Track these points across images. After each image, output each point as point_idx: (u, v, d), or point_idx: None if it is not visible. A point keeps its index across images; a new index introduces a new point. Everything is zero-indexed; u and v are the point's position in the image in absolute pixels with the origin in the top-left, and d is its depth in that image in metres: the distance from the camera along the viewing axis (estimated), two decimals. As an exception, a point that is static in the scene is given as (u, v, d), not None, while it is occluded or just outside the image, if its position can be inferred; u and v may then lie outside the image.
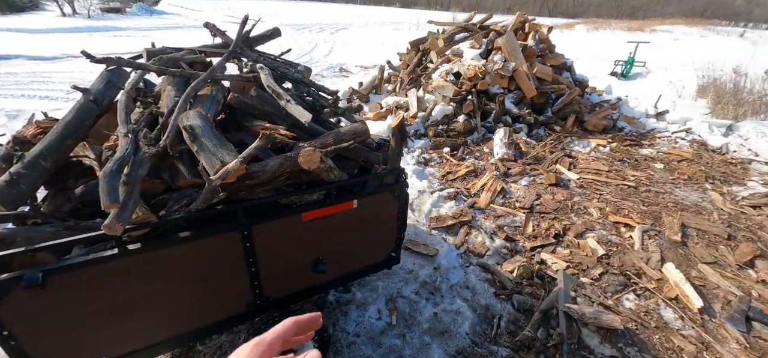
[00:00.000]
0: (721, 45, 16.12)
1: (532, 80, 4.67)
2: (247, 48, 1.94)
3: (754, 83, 6.96)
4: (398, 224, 1.81)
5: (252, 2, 51.69)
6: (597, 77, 8.51)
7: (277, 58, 2.02)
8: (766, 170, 3.97)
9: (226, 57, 1.77)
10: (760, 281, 2.35)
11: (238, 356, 0.36)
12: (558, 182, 3.45)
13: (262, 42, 2.12)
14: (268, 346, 0.37)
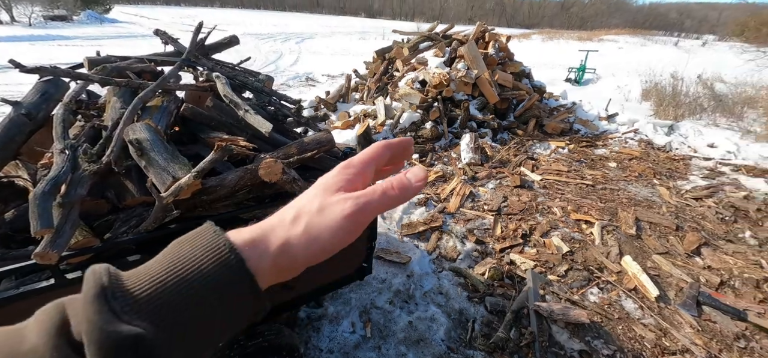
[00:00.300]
0: (660, 53, 17.71)
1: (494, 87, 4.84)
2: (202, 56, 1.84)
3: (689, 87, 7.66)
4: (369, 234, 1.77)
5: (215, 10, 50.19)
6: (553, 83, 9.00)
7: (236, 66, 1.94)
8: (704, 165, 4.34)
9: (179, 66, 1.66)
10: (706, 267, 2.54)
11: (327, 177, 0.33)
12: (523, 184, 3.57)
13: (218, 50, 2.02)
14: (357, 169, 0.33)
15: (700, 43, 30.83)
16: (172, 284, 0.25)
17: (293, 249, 0.29)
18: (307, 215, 0.30)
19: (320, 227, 0.30)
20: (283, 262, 0.29)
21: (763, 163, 4.38)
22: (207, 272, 0.26)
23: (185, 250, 0.27)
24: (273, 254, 0.29)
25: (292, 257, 0.29)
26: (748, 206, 3.34)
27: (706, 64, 11.50)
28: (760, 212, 3.28)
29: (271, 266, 0.29)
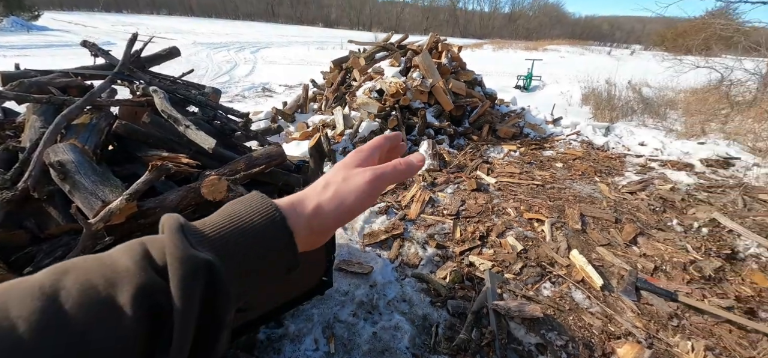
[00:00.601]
0: (595, 61, 19.43)
1: (448, 95, 5.01)
2: (137, 69, 1.71)
3: (621, 92, 8.47)
4: (327, 246, 1.74)
5: (161, 18, 47.46)
6: (505, 90, 9.52)
7: (178, 79, 1.82)
8: (636, 161, 4.79)
9: (110, 80, 1.53)
10: (642, 255, 2.78)
11: (345, 159, 0.41)
12: (479, 187, 3.71)
13: (157, 62, 1.89)
14: (367, 152, 0.42)
15: (629, 53, 34.37)
16: (230, 230, 0.31)
17: (324, 210, 0.36)
18: (334, 184, 0.37)
19: (346, 191, 0.37)
20: (316, 223, 0.35)
21: (684, 158, 4.92)
22: (257, 225, 0.32)
23: (239, 208, 0.33)
24: (308, 215, 0.35)
25: (324, 217, 0.35)
26: (674, 197, 3.72)
27: (634, 70, 12.81)
28: (683, 201, 3.67)
29: (305, 225, 0.34)
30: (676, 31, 14.28)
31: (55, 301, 0.23)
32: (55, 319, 0.23)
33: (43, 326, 0.22)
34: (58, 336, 0.22)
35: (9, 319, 0.22)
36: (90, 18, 36.30)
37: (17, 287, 0.24)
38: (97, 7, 60.97)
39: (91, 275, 0.26)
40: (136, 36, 1.78)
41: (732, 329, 2.14)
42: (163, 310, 0.26)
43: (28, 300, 0.23)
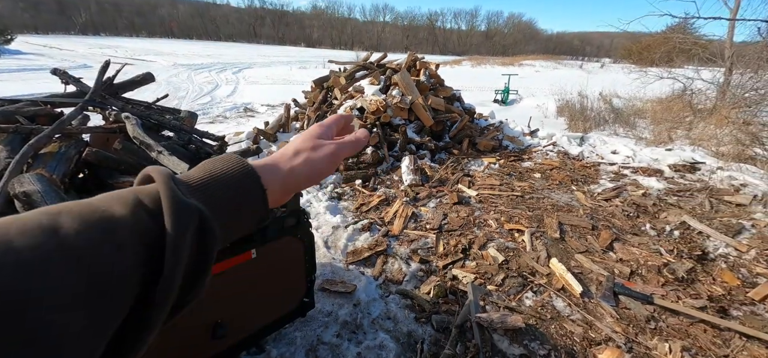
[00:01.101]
0: (568, 74, 20.28)
1: (428, 111, 5.12)
2: (110, 96, 1.68)
3: (593, 103, 8.84)
4: (306, 267, 1.72)
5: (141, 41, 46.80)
6: (484, 104, 9.78)
7: (152, 105, 1.81)
8: (610, 169, 4.98)
9: (81, 107, 1.50)
10: (618, 260, 2.86)
11: (309, 130, 0.47)
12: (460, 200, 3.77)
13: (130, 88, 1.87)
14: (326, 127, 0.48)
15: (599, 66, 36.05)
16: (213, 182, 0.34)
17: (297, 173, 0.41)
18: (305, 151, 0.43)
19: (316, 159, 0.43)
20: (290, 181, 0.41)
21: (654, 164, 5.15)
22: (236, 179, 0.36)
23: (218, 165, 0.36)
24: (283, 175, 0.41)
25: (296, 178, 0.41)
26: (646, 202, 3.87)
27: (604, 82, 13.41)
28: (655, 206, 3.82)
29: (280, 184, 0.40)
30: (641, 45, 15.15)
31: (57, 233, 0.24)
32: (59, 248, 0.24)
33: (48, 253, 0.23)
34: (63, 262, 0.23)
35: (14, 248, 0.22)
36: (66, 41, 35.46)
37: (16, 222, 0.24)
38: (73, 30, 59.68)
39: (86, 217, 0.26)
40: (108, 63, 1.76)
41: (706, 328, 2.21)
42: (156, 250, 0.28)
43: (30, 232, 0.23)
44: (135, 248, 0.27)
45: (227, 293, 1.50)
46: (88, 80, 2.21)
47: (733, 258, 2.93)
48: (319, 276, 2.63)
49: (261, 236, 1.54)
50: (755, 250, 2.99)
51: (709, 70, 8.65)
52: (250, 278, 1.54)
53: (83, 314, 0.23)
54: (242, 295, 1.56)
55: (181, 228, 0.29)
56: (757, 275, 2.70)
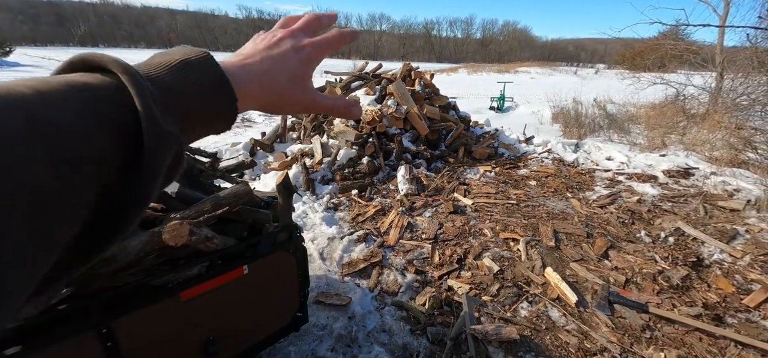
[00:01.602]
0: (563, 81, 20.46)
1: (423, 120, 5.14)
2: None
3: (587, 109, 8.91)
4: (300, 282, 1.71)
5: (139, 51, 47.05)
6: (479, 112, 9.84)
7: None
8: (605, 176, 5.00)
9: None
10: (614, 268, 2.86)
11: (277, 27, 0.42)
12: (456, 210, 3.77)
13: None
14: (298, 29, 0.41)
15: (593, 72, 36.41)
16: (183, 92, 0.29)
17: (249, 67, 0.35)
18: (261, 50, 0.37)
19: (276, 53, 0.37)
20: (268, 78, 0.35)
21: (648, 170, 5.18)
22: (211, 88, 0.30)
23: (192, 73, 0.30)
24: (260, 78, 0.35)
25: (269, 81, 0.35)
26: (641, 209, 3.89)
27: (598, 88, 13.54)
28: (650, 212, 3.84)
29: (258, 84, 0.34)
30: (634, 51, 15.33)
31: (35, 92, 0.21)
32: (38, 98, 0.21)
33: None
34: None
35: None
36: (64, 53, 35.54)
37: None
38: (72, 42, 59.93)
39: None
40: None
41: (702, 336, 2.21)
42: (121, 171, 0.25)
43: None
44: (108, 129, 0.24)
45: (219, 310, 1.49)
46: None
47: (727, 264, 2.93)
48: (315, 289, 2.61)
49: (253, 251, 1.54)
50: (749, 255, 3.00)
51: (700, 75, 8.75)
52: (242, 295, 1.53)
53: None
54: (234, 311, 1.54)
55: (161, 161, 0.25)
56: (752, 282, 2.70)
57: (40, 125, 0.20)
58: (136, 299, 1.29)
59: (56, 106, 0.21)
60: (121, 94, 0.25)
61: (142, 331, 1.32)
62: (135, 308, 1.28)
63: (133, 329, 1.29)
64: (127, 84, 0.25)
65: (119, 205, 0.25)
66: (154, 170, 0.25)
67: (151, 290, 1.32)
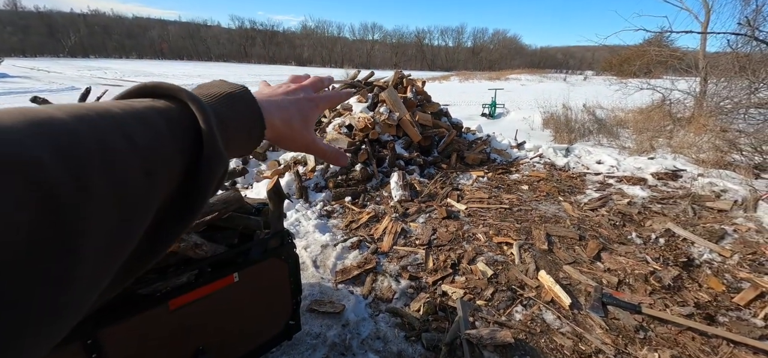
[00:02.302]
0: (553, 87, 20.80)
1: (416, 127, 5.17)
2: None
3: (577, 115, 9.04)
4: (292, 289, 1.69)
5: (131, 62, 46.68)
6: (471, 118, 9.93)
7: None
8: (595, 179, 5.06)
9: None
10: (606, 270, 2.88)
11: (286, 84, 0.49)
12: (449, 215, 3.77)
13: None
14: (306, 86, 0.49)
15: (582, 78, 37.10)
16: (231, 120, 0.34)
17: (277, 102, 0.42)
18: (281, 92, 0.45)
19: (295, 98, 0.44)
20: (288, 116, 0.41)
21: (638, 173, 5.26)
22: (251, 119, 0.36)
23: (223, 88, 0.36)
24: (282, 114, 0.41)
25: (287, 118, 0.41)
26: (631, 211, 3.93)
27: (587, 94, 13.78)
28: (640, 214, 3.88)
29: (280, 119, 0.40)
30: (621, 58, 15.69)
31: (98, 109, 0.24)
32: (99, 111, 0.24)
33: (90, 117, 0.23)
34: (106, 122, 0.23)
35: (49, 113, 0.21)
36: (54, 64, 35.15)
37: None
38: (62, 53, 59.33)
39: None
40: (89, 90, 1.74)
41: (694, 336, 2.22)
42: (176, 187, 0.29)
43: (67, 111, 0.22)
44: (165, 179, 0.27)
45: (209, 319, 1.46)
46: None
47: (717, 264, 2.97)
48: (308, 297, 2.58)
49: (244, 258, 1.52)
50: (738, 254, 3.05)
51: (685, 80, 8.97)
52: (233, 303, 1.50)
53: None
54: (225, 320, 1.51)
55: (212, 182, 0.30)
56: (741, 280, 2.74)
57: (132, 140, 0.24)
58: (124, 308, 1.26)
59: (141, 124, 0.25)
60: (184, 117, 0.29)
61: (129, 341, 1.29)
62: (122, 318, 1.25)
63: (120, 339, 1.26)
64: (195, 110, 0.30)
65: (173, 214, 0.28)
66: (208, 183, 0.29)
67: (139, 299, 1.29)
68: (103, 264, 0.21)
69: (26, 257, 0.16)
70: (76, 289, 0.19)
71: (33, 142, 0.18)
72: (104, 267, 0.22)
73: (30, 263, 0.17)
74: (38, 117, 0.20)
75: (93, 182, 0.20)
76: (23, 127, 0.18)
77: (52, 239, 0.17)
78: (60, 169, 0.18)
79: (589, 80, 32.48)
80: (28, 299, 0.17)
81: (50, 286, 0.18)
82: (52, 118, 0.20)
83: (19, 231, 0.16)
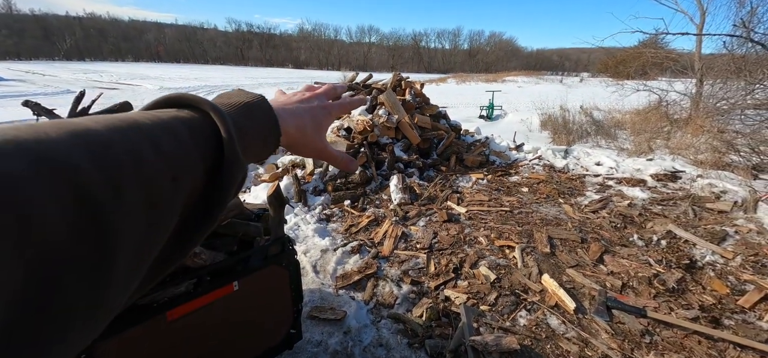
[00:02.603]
0: (549, 89, 20.89)
1: (415, 129, 5.14)
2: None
3: (574, 116, 9.06)
4: (293, 297, 1.64)
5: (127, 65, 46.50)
6: (469, 120, 9.92)
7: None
8: (595, 181, 5.05)
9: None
10: (610, 273, 2.85)
11: (303, 91, 0.50)
12: (450, 218, 3.74)
13: (106, 115, 1.79)
14: (320, 93, 0.50)
15: (578, 80, 37.33)
16: (250, 128, 0.35)
17: (293, 109, 0.43)
18: (296, 100, 0.46)
19: (310, 106, 0.46)
20: (301, 123, 0.42)
21: (637, 174, 5.25)
22: (267, 126, 0.38)
23: (240, 98, 0.37)
24: (296, 121, 0.42)
25: (295, 112, 0.42)
26: (632, 213, 3.92)
27: (584, 96, 13.83)
28: (641, 216, 3.87)
29: (294, 126, 0.41)
30: (616, 60, 15.78)
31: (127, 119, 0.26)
32: (129, 122, 0.26)
33: (122, 128, 0.24)
34: (134, 131, 0.25)
35: (86, 125, 0.23)
36: (49, 67, 34.88)
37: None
38: (57, 56, 58.95)
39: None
40: (83, 93, 1.69)
41: (701, 340, 2.20)
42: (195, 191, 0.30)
43: (100, 121, 0.24)
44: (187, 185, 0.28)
45: (208, 329, 1.41)
46: (63, 112, 2.13)
47: (720, 265, 2.95)
48: (308, 303, 2.53)
49: (243, 266, 1.47)
50: (740, 256, 3.04)
51: (681, 81, 9.01)
52: (233, 312, 1.46)
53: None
54: (224, 330, 1.47)
55: (232, 188, 0.31)
56: (745, 282, 2.72)
57: (159, 149, 0.26)
58: (119, 320, 1.21)
59: (167, 133, 0.27)
60: (206, 126, 0.31)
61: (125, 355, 1.24)
62: (117, 331, 1.20)
63: (115, 353, 1.21)
64: (216, 119, 0.31)
65: (195, 218, 0.29)
66: (228, 188, 0.30)
67: (135, 311, 1.24)
68: (134, 264, 0.23)
69: (69, 254, 0.18)
70: (112, 285, 0.21)
71: (74, 152, 0.20)
72: (135, 267, 0.23)
73: (73, 259, 0.18)
74: (77, 128, 0.22)
75: (125, 186, 0.22)
76: (66, 137, 0.21)
77: (91, 238, 0.19)
78: (96, 174, 0.20)
79: (585, 82, 32.68)
80: (74, 292, 0.18)
81: (90, 281, 0.19)
82: (88, 129, 0.22)
83: (63, 231, 0.18)
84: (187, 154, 0.28)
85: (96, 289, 0.20)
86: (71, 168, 0.19)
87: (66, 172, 0.19)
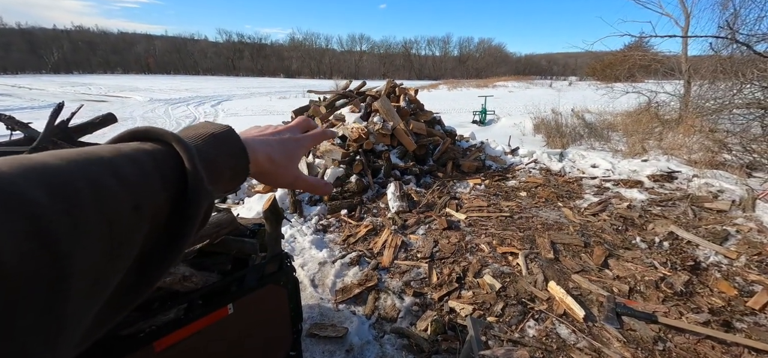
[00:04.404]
0: (540, 93, 21.12)
1: (410, 135, 5.07)
2: (63, 141, 1.49)
3: (567, 119, 9.11)
4: (292, 316, 1.53)
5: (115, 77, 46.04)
6: (462, 125, 9.91)
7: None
8: (592, 183, 5.03)
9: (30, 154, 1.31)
10: (615, 278, 2.79)
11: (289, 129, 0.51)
12: (450, 225, 3.65)
13: (88, 132, 1.68)
14: (292, 127, 0.52)
15: (567, 84, 37.93)
16: (217, 159, 0.35)
17: (265, 140, 0.44)
18: (268, 133, 0.47)
19: (282, 138, 0.46)
20: (271, 152, 0.43)
21: (633, 175, 5.25)
22: (235, 156, 0.38)
23: (207, 129, 0.37)
24: (265, 149, 0.43)
25: (271, 154, 0.43)
26: (632, 214, 3.88)
27: (575, 99, 13.99)
28: (641, 217, 3.83)
29: (264, 155, 0.42)
30: (604, 63, 16.03)
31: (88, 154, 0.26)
32: (90, 153, 0.26)
33: (80, 160, 0.25)
34: (94, 163, 0.25)
35: (43, 160, 0.23)
36: (36, 80, 34.25)
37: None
38: (44, 70, 58.02)
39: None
40: (61, 105, 1.58)
41: (714, 345, 2.13)
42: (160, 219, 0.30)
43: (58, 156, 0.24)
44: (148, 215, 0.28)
45: (202, 356, 1.29)
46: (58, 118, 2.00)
47: (725, 266, 2.92)
48: (307, 320, 2.41)
49: (238, 286, 1.36)
50: (745, 256, 3.00)
51: (670, 83, 9.14)
52: (227, 337, 1.34)
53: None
54: (219, 356, 1.35)
55: (198, 215, 0.30)
56: (752, 283, 2.68)
57: (120, 177, 0.26)
58: (101, 353, 1.09)
59: (129, 163, 0.27)
60: (169, 157, 0.31)
61: (107, 391, 1.12)
62: (98, 365, 1.08)
63: (96, 390, 1.08)
64: (179, 149, 0.31)
65: (160, 248, 0.29)
66: (193, 217, 0.30)
67: (119, 342, 1.12)
68: (92, 291, 0.23)
69: (21, 281, 0.18)
70: (68, 312, 0.21)
71: (29, 184, 0.20)
72: (93, 294, 0.23)
73: (25, 286, 0.18)
74: (31, 163, 0.22)
75: (83, 215, 0.22)
76: (18, 171, 0.21)
77: (44, 267, 0.19)
78: (50, 204, 0.21)
79: (574, 85, 33.20)
80: (29, 326, 0.19)
81: (44, 306, 0.19)
82: (45, 164, 0.23)
83: (15, 260, 0.18)
84: (148, 182, 0.28)
85: (50, 313, 0.20)
86: (24, 200, 0.20)
87: (17, 203, 0.19)
